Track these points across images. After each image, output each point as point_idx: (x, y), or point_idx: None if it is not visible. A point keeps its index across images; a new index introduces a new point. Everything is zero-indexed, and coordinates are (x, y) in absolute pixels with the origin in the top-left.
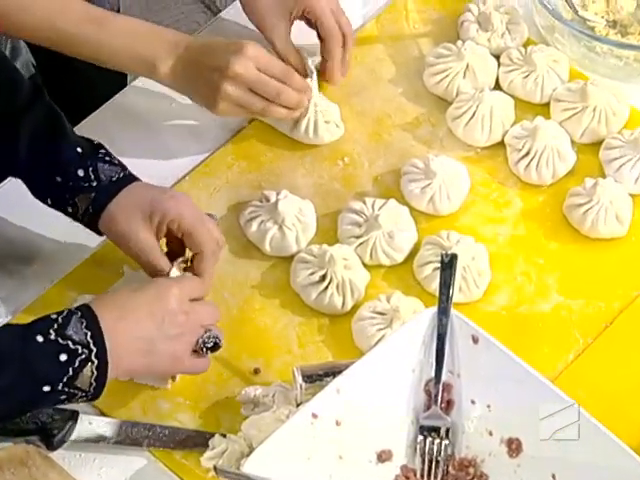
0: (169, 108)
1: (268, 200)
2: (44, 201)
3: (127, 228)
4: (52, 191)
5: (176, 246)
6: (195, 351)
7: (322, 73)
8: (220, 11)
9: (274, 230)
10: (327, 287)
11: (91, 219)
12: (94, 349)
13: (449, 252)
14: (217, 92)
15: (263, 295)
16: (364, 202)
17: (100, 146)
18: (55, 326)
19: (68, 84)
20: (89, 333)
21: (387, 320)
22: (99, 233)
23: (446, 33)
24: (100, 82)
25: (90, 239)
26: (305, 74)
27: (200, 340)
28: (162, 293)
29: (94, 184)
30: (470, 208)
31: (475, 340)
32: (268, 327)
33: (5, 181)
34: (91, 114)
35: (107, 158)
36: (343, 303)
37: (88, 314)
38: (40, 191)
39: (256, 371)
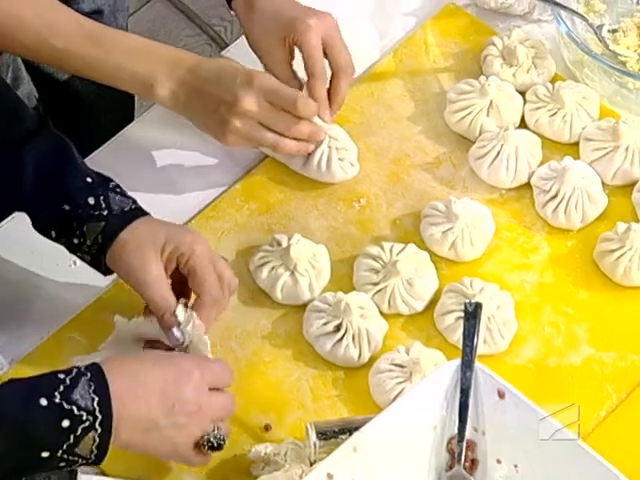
0: (175, 146)
1: (279, 244)
2: (47, 234)
3: (138, 258)
4: (58, 221)
5: (178, 288)
6: (197, 443)
7: None
8: (226, 43)
9: (286, 277)
10: (342, 338)
11: (99, 250)
12: (99, 417)
13: (473, 301)
14: (225, 126)
15: (274, 346)
16: (382, 247)
17: (110, 179)
18: (61, 388)
19: (71, 117)
20: (96, 399)
21: (406, 373)
22: (103, 271)
23: (468, 68)
24: (105, 115)
25: (94, 282)
26: None
27: (205, 437)
28: (181, 377)
29: (105, 213)
30: (494, 254)
31: (501, 395)
32: (279, 380)
33: (5, 220)
34: (94, 151)
35: (118, 189)
36: (359, 355)
37: (98, 377)
38: (44, 222)
39: (267, 427)
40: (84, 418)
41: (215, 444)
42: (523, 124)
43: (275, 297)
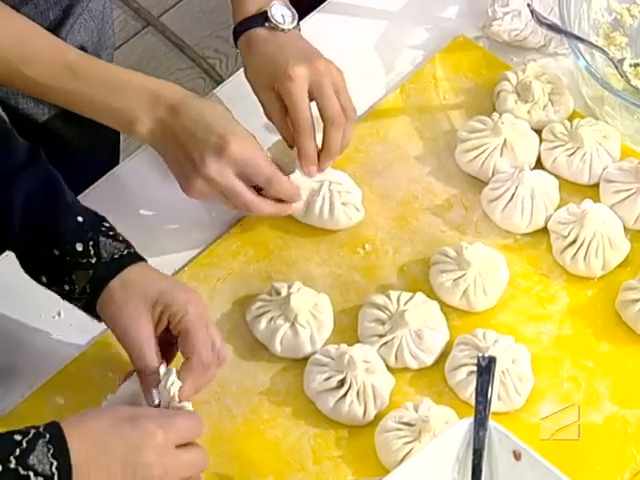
0: (165, 187)
1: (279, 293)
2: (38, 279)
3: (127, 314)
4: (48, 266)
5: (162, 348)
6: None
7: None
8: (221, 76)
9: (285, 328)
10: (346, 394)
11: (88, 300)
12: None
13: (486, 354)
14: (188, 183)
15: (273, 403)
16: (388, 296)
17: (104, 219)
18: (17, 452)
19: (53, 159)
20: (55, 463)
21: (415, 432)
22: (98, 318)
23: (480, 104)
24: (90, 156)
25: (79, 336)
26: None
27: None
28: (143, 440)
29: (93, 260)
30: (509, 303)
31: (517, 456)
32: (278, 440)
33: None
34: (79, 194)
35: (110, 233)
36: (364, 412)
37: (57, 440)
38: (34, 267)
39: None
40: None
41: None
42: (539, 165)
43: (274, 350)
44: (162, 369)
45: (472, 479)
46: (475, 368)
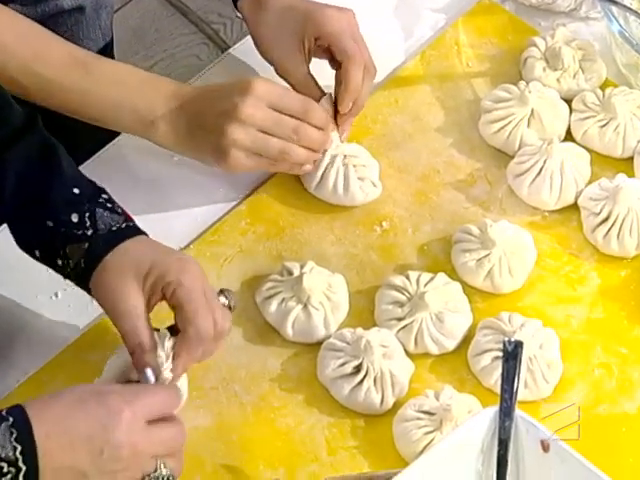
0: (170, 162)
1: (290, 274)
2: (31, 253)
3: (114, 286)
4: (42, 239)
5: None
6: None
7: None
8: (225, 42)
9: (297, 310)
10: (362, 381)
11: (82, 276)
12: (23, 468)
13: (512, 339)
14: (224, 139)
15: (284, 390)
16: (407, 277)
17: (102, 190)
18: None
19: (57, 122)
20: (19, 448)
21: (436, 422)
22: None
23: (506, 72)
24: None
25: (78, 318)
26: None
27: (146, 479)
28: (109, 418)
29: (89, 232)
30: (536, 285)
31: (545, 448)
32: (290, 429)
33: None
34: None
35: (109, 205)
36: (382, 400)
37: (21, 423)
38: (27, 239)
39: None
40: (5, 470)
41: None
42: (569, 137)
43: (285, 334)
44: (160, 352)
45: (497, 471)
46: (500, 354)
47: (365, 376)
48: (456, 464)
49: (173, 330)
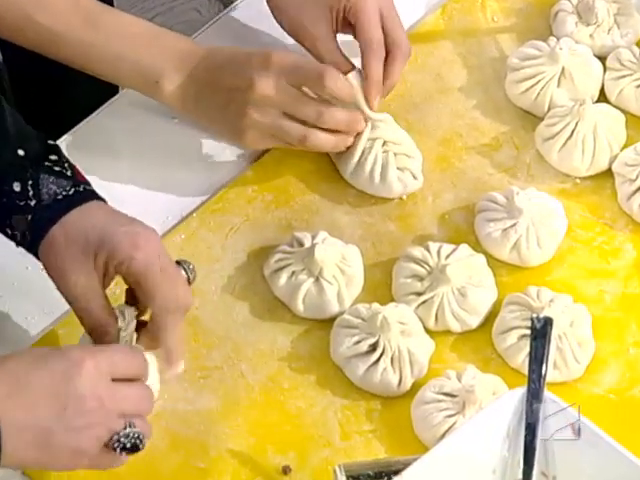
0: (171, 125)
1: (301, 245)
2: None
3: (62, 263)
4: None
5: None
6: (107, 446)
7: None
8: None
9: (309, 284)
10: (379, 360)
11: (29, 248)
12: None
13: (541, 315)
14: (242, 120)
15: (294, 370)
16: (427, 248)
17: (52, 149)
18: None
19: (46, 84)
20: None
21: (458, 404)
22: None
23: (535, 27)
24: (87, 82)
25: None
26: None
27: (115, 437)
28: (71, 370)
29: (32, 203)
30: (567, 257)
31: (576, 432)
32: (301, 412)
33: None
34: (71, 129)
35: (56, 168)
36: (400, 381)
37: None
38: None
39: (285, 470)
40: None
41: (128, 444)
42: (603, 97)
43: (296, 309)
44: (123, 325)
45: (524, 457)
46: (527, 331)
47: (381, 355)
48: (480, 450)
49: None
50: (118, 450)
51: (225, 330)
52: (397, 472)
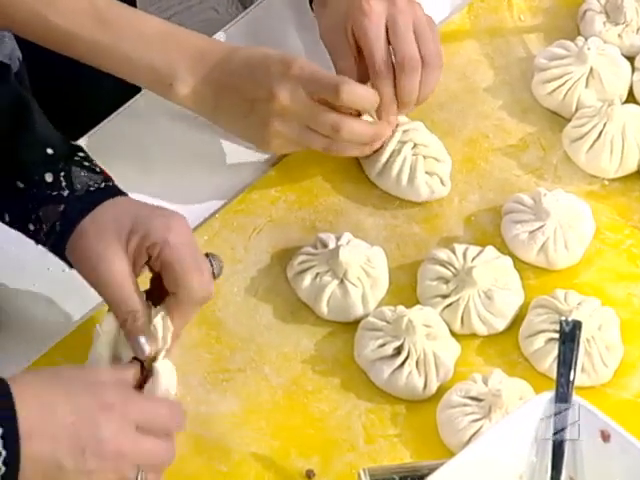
0: (194, 125)
1: (325, 246)
2: (1, 216)
3: (95, 250)
4: (11, 202)
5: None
6: None
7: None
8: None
9: (333, 286)
10: (404, 363)
11: (57, 241)
12: (3, 453)
13: (570, 318)
14: (265, 129)
15: (318, 372)
16: (453, 250)
17: (79, 148)
18: None
19: (65, 84)
20: (0, 431)
21: (484, 408)
22: (69, 265)
23: (562, 27)
24: (107, 82)
25: (85, 300)
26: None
27: None
28: (99, 412)
29: (65, 193)
30: (594, 260)
31: (605, 437)
32: (325, 416)
33: None
34: (92, 129)
35: (86, 163)
36: (425, 384)
37: (4, 403)
38: None
39: (309, 474)
40: None
41: None
42: (631, 98)
43: (320, 311)
44: (154, 313)
45: (552, 462)
46: (555, 335)
47: (407, 358)
48: (506, 455)
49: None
50: None
51: (248, 332)
52: (423, 477)
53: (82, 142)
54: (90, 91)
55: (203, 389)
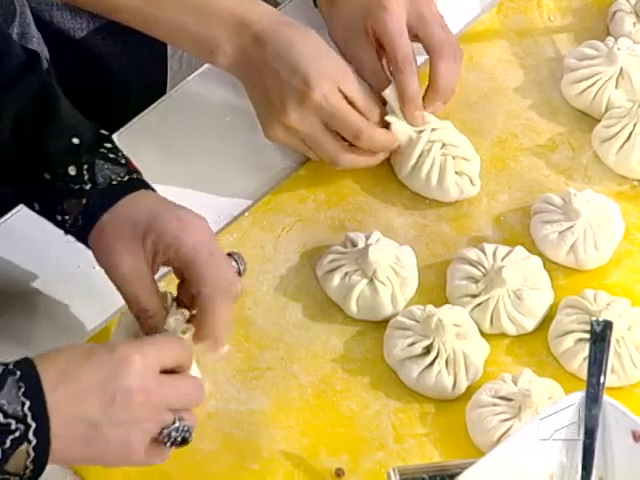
0: (222, 124)
1: (354, 245)
2: (31, 206)
3: (112, 248)
4: (39, 192)
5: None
6: (156, 440)
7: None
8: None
9: (362, 285)
10: (433, 362)
11: (80, 233)
12: (32, 424)
13: (601, 319)
14: (268, 126)
15: (347, 371)
16: (482, 250)
17: (106, 138)
18: None
19: (92, 84)
20: (27, 403)
21: (514, 408)
22: None
23: (592, 27)
24: (135, 81)
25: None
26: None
27: (165, 432)
28: (118, 364)
29: (87, 187)
30: (624, 261)
31: (637, 437)
32: (354, 414)
33: (10, 213)
34: (118, 130)
35: (111, 155)
36: (454, 384)
37: (30, 376)
38: (25, 192)
39: (338, 473)
40: (13, 427)
41: (179, 438)
42: None
43: (349, 310)
44: (174, 320)
45: (583, 463)
46: (585, 335)
47: (436, 357)
48: (537, 455)
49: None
50: (168, 444)
51: (277, 331)
52: (452, 476)
53: (116, 136)
54: (117, 91)
55: (233, 387)
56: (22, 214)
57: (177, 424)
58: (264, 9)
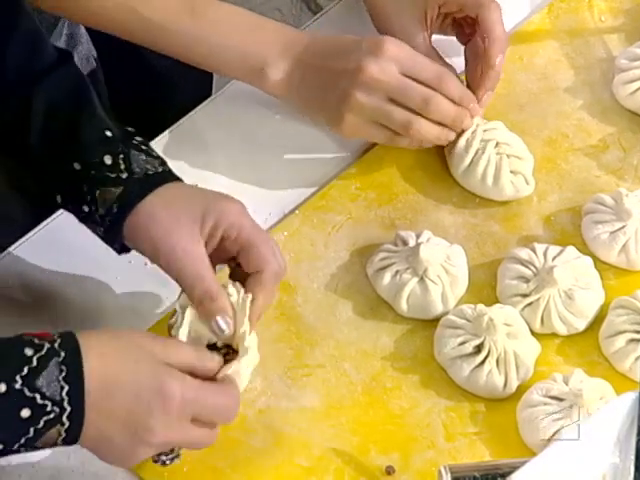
0: (272, 120)
1: (405, 243)
2: (51, 198)
3: (166, 228)
4: (65, 182)
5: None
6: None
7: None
8: (319, 6)
9: (413, 283)
10: (484, 361)
11: (114, 222)
12: (68, 409)
13: None
14: (345, 102)
15: (397, 369)
16: (533, 250)
17: (136, 133)
18: (25, 370)
19: (139, 85)
20: (66, 388)
21: (566, 408)
22: (118, 249)
23: None
24: (182, 82)
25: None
26: None
27: (161, 457)
28: (159, 402)
29: (124, 176)
30: None
31: None
32: (404, 413)
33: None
34: (167, 129)
35: (144, 147)
36: (505, 383)
37: (73, 361)
38: (49, 181)
39: (389, 471)
40: (48, 409)
41: (167, 463)
42: None
43: (399, 309)
44: (231, 289)
45: (636, 464)
46: (636, 335)
47: (487, 356)
48: (589, 455)
49: None
50: (158, 463)
51: (328, 328)
52: (504, 475)
53: (160, 139)
54: (163, 94)
55: (284, 384)
56: (61, 219)
57: (173, 454)
58: (306, 32)
